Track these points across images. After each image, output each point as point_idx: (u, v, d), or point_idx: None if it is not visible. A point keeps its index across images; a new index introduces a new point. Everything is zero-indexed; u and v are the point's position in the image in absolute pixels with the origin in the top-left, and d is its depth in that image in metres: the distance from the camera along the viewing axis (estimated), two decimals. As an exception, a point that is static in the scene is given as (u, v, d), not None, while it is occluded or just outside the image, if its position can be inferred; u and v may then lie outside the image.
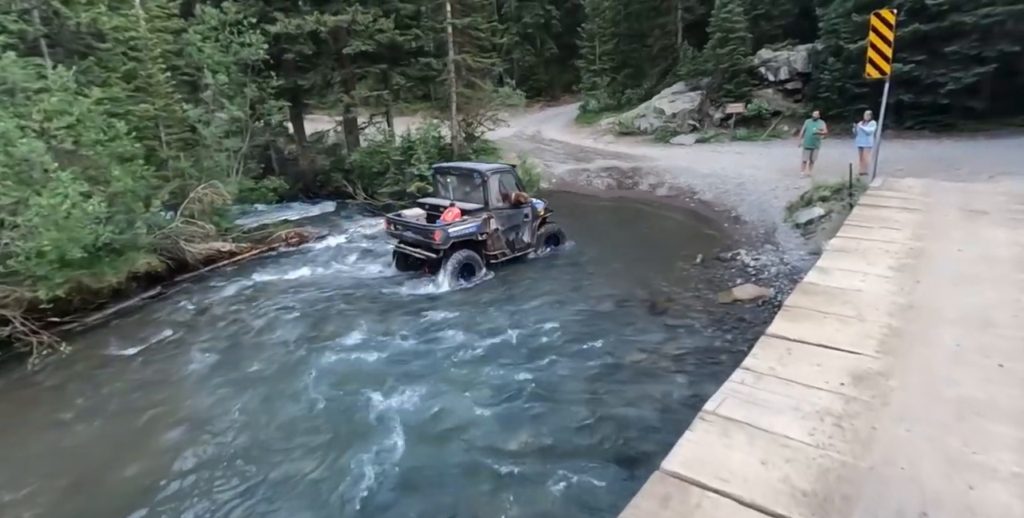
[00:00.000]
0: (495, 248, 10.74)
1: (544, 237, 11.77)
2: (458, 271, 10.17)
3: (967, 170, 13.38)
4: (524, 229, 11.24)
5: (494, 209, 10.58)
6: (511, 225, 10.99)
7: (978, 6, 17.27)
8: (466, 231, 10.06)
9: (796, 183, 14.29)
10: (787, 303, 4.84)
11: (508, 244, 11.01)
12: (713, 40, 22.78)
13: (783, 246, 10.59)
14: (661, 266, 10.63)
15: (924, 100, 19.01)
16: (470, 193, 10.78)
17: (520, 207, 11.06)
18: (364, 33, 17.56)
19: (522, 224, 11.18)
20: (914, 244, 6.22)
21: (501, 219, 10.75)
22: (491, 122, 20.30)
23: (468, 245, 10.29)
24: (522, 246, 11.32)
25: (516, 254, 11.23)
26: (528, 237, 11.38)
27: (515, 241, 11.15)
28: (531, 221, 11.37)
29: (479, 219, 10.28)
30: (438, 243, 9.71)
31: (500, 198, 10.74)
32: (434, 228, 9.79)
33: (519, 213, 11.08)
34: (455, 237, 9.87)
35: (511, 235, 11.04)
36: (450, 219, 10.09)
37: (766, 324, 8.00)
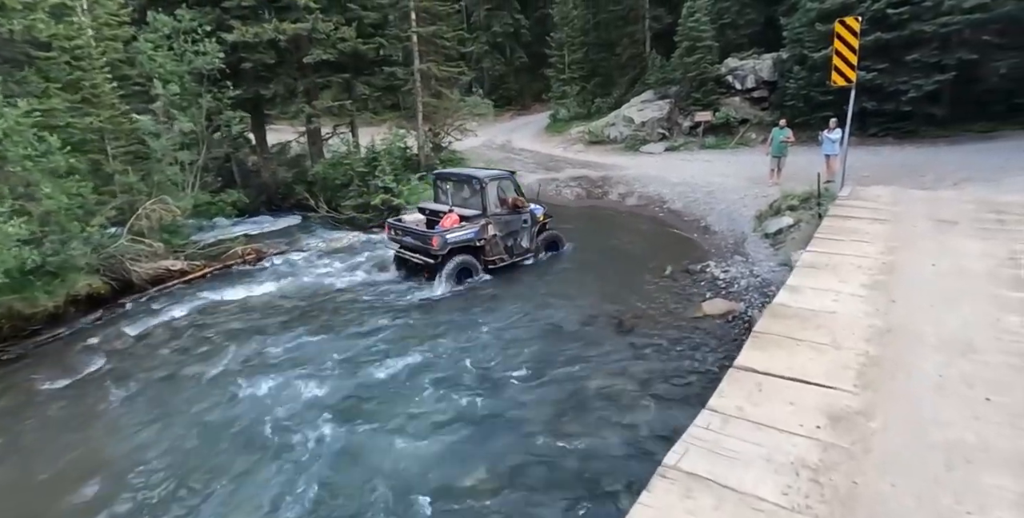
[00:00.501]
0: (493, 254, 10.70)
1: (544, 243, 11.75)
2: (455, 276, 10.18)
3: (931, 177, 13.33)
4: (523, 235, 11.18)
5: (492, 215, 10.53)
6: (509, 231, 10.93)
7: (937, 15, 17.40)
8: (464, 237, 10.08)
9: (765, 191, 14.09)
10: (756, 329, 4.43)
11: (506, 250, 10.96)
12: (680, 49, 22.70)
13: (753, 257, 10.29)
14: (630, 279, 10.24)
15: (887, 107, 19.10)
16: (469, 199, 10.78)
17: (519, 213, 10.99)
18: (326, 42, 17.01)
19: (521, 230, 11.12)
20: (886, 258, 5.89)
21: (499, 225, 10.69)
22: (459, 132, 19.87)
23: (466, 251, 10.30)
24: (520, 252, 11.23)
25: (515, 259, 11.14)
26: (527, 243, 11.32)
27: (514, 247, 11.09)
28: (530, 227, 11.30)
29: (477, 225, 10.28)
30: (435, 249, 9.72)
31: (498, 204, 10.70)
32: (432, 234, 9.84)
33: (518, 219, 11.00)
34: (452, 243, 9.91)
35: (509, 241, 10.99)
36: (448, 225, 10.13)
37: (736, 342, 7.71)
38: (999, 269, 5.50)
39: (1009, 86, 18.80)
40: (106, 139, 12.66)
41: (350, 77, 18.24)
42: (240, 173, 20.97)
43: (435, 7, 18.29)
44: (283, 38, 16.31)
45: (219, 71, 15.83)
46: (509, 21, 32.94)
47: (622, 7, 26.72)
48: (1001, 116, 19.23)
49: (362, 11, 17.74)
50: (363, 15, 17.80)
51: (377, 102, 21.62)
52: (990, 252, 5.97)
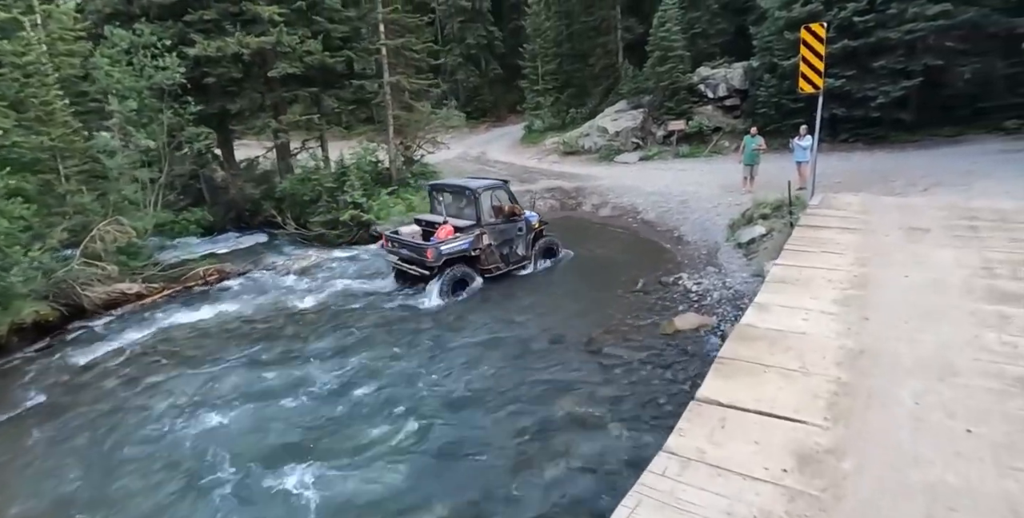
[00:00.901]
0: (489, 263, 10.71)
1: (541, 250, 11.69)
2: (450, 287, 10.17)
3: (901, 182, 13.25)
4: (518, 243, 11.19)
5: (487, 225, 10.53)
6: (504, 239, 10.93)
7: (902, 22, 17.50)
8: (458, 248, 10.11)
9: (738, 200, 13.93)
10: (722, 354, 4.09)
11: (502, 258, 10.96)
12: (652, 59, 22.65)
13: (726, 268, 10.02)
14: (602, 293, 9.91)
15: (856, 113, 19.17)
16: (463, 209, 10.81)
17: (513, 221, 11.01)
18: (292, 55, 16.60)
19: (516, 238, 11.12)
20: (858, 270, 5.61)
21: (494, 234, 10.70)
22: (431, 144, 19.51)
23: (462, 261, 10.32)
24: (516, 259, 11.23)
25: (511, 267, 11.14)
26: (522, 250, 11.31)
27: (509, 255, 11.08)
28: (525, 234, 11.30)
29: (471, 235, 10.30)
30: (431, 261, 9.73)
31: (492, 213, 10.71)
32: (427, 246, 9.83)
33: (512, 227, 11.01)
34: (447, 254, 9.94)
35: (505, 249, 10.98)
36: (443, 236, 10.11)
37: (708, 358, 7.39)
38: (974, 280, 5.24)
39: (973, 91, 18.98)
40: (59, 158, 12.10)
41: (318, 91, 17.83)
42: (208, 190, 20.41)
43: (403, 19, 18.00)
44: (247, 52, 15.87)
45: (181, 86, 15.35)
46: (483, 33, 32.80)
47: (594, 18, 26.69)
48: (967, 120, 19.39)
49: (329, 24, 17.36)
50: (330, 28, 17.43)
51: (351, 115, 21.28)
52: (964, 261, 5.72)
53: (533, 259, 11.54)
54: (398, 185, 17.98)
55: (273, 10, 16.12)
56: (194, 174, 19.19)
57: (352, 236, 16.01)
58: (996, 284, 5.09)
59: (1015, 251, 5.95)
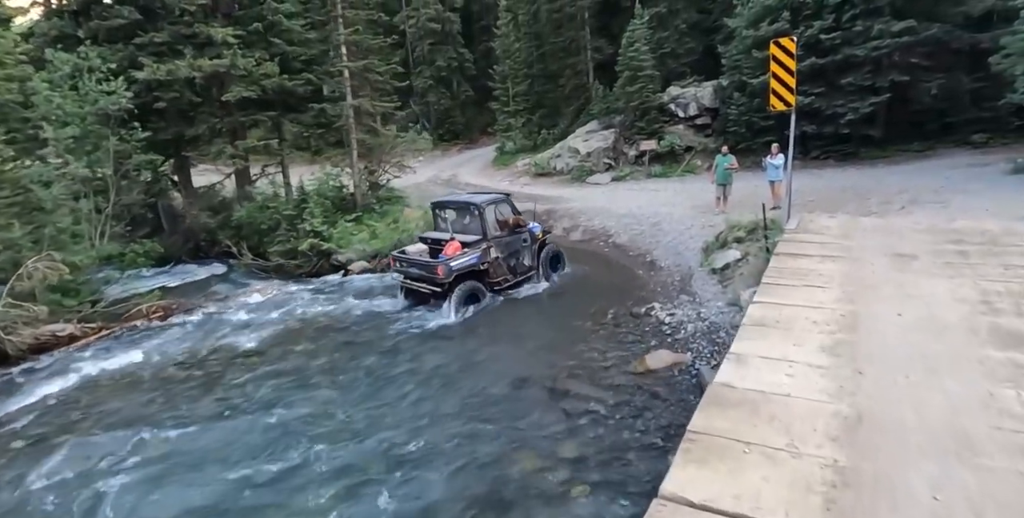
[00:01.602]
0: (497, 275, 10.68)
1: (547, 259, 11.63)
2: (463, 302, 10.05)
3: (876, 200, 12.80)
4: (524, 254, 11.17)
5: (493, 238, 10.51)
6: (511, 251, 10.91)
7: (868, 39, 17.36)
8: (468, 263, 10.03)
9: (711, 220, 13.40)
10: (693, 427, 3.31)
11: (510, 269, 10.93)
12: (622, 78, 22.35)
13: (700, 296, 9.34)
14: (569, 326, 9.14)
15: (826, 130, 18.93)
16: (468, 224, 10.72)
17: (518, 233, 11.00)
18: (248, 78, 15.86)
19: (522, 249, 11.12)
20: (845, 308, 4.92)
21: (500, 247, 10.67)
22: (397, 168, 18.77)
23: (471, 276, 10.21)
24: (523, 270, 11.21)
25: (519, 278, 11.11)
26: (528, 261, 11.30)
27: (516, 266, 11.06)
28: (530, 245, 11.28)
29: (479, 250, 10.24)
30: (441, 277, 9.67)
31: (497, 227, 10.68)
32: (437, 263, 9.78)
33: (518, 239, 11.02)
34: (458, 270, 9.84)
35: (512, 261, 10.96)
36: (451, 253, 9.98)
37: (682, 403, 6.65)
38: (975, 317, 4.58)
39: (940, 106, 18.88)
40: (-15, 190, 11.13)
41: (277, 115, 17.07)
42: (167, 219, 19.46)
43: (366, 41, 17.39)
44: (199, 75, 15.08)
45: (130, 111, 14.51)
46: (453, 55, 32.40)
47: (563, 39, 26.43)
48: (935, 135, 19.28)
49: (288, 46, 16.69)
50: (289, 50, 16.75)
51: (320, 139, 20.48)
52: (960, 294, 5.07)
53: (540, 268, 11.46)
54: (362, 211, 17.16)
55: (227, 32, 15.44)
56: (151, 203, 18.27)
57: (312, 266, 15.13)
58: (1001, 323, 4.43)
59: (1012, 280, 5.33)
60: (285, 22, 16.43)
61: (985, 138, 18.45)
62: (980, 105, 18.73)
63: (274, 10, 16.30)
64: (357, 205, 17.53)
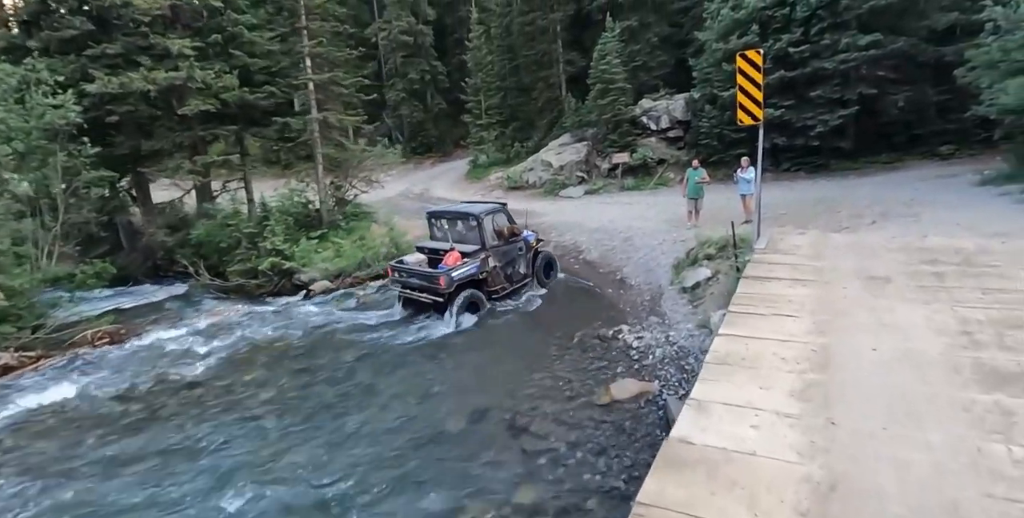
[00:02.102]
0: (496, 284, 10.70)
1: (541, 266, 11.75)
2: (463, 310, 10.02)
3: (847, 213, 12.55)
4: (520, 262, 11.26)
5: (491, 248, 10.56)
6: (508, 260, 10.98)
7: (835, 52, 17.33)
8: (468, 272, 10.05)
9: (683, 235, 13.05)
10: (643, 497, 2.81)
11: (507, 278, 10.98)
12: (594, 91, 22.11)
13: (669, 317, 8.90)
14: (533, 351, 8.64)
15: (797, 142, 18.83)
16: (466, 234, 10.75)
17: (514, 242, 11.08)
18: (206, 91, 15.23)
19: (517, 257, 11.21)
20: (817, 341, 4.49)
21: (498, 256, 10.72)
22: (364, 184, 18.20)
23: (471, 284, 10.20)
24: (519, 278, 11.28)
25: (515, 286, 11.17)
26: (524, 269, 11.38)
27: (513, 274, 11.13)
28: (525, 253, 11.37)
29: (478, 259, 10.28)
30: (443, 287, 9.61)
31: (495, 236, 10.74)
32: (438, 273, 9.73)
33: (514, 248, 11.10)
34: (459, 280, 9.83)
35: (509, 269, 11.02)
36: (452, 263, 10.02)
37: (648, 439, 6.18)
38: (955, 352, 4.18)
39: (907, 118, 18.92)
40: (-87, 212, 10.35)
41: (239, 129, 16.42)
42: (126, 237, 18.61)
43: (331, 53, 16.89)
44: (153, 88, 14.40)
45: (80, 126, 13.74)
46: (426, 68, 31.94)
47: (535, 52, 26.17)
48: (903, 147, 19.31)
49: (248, 58, 16.08)
50: (250, 62, 16.15)
51: (290, 153, 19.82)
52: (938, 323, 4.68)
53: (535, 276, 11.58)
54: (328, 228, 16.54)
55: (184, 43, 14.79)
56: (107, 220, 17.45)
57: (274, 286, 14.45)
58: (983, 358, 4.02)
59: (991, 306, 4.96)
60: (246, 34, 15.84)
61: (952, 150, 18.51)
62: (946, 117, 18.82)
63: (234, 21, 15.72)
64: (323, 222, 16.91)
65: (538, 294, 11.51)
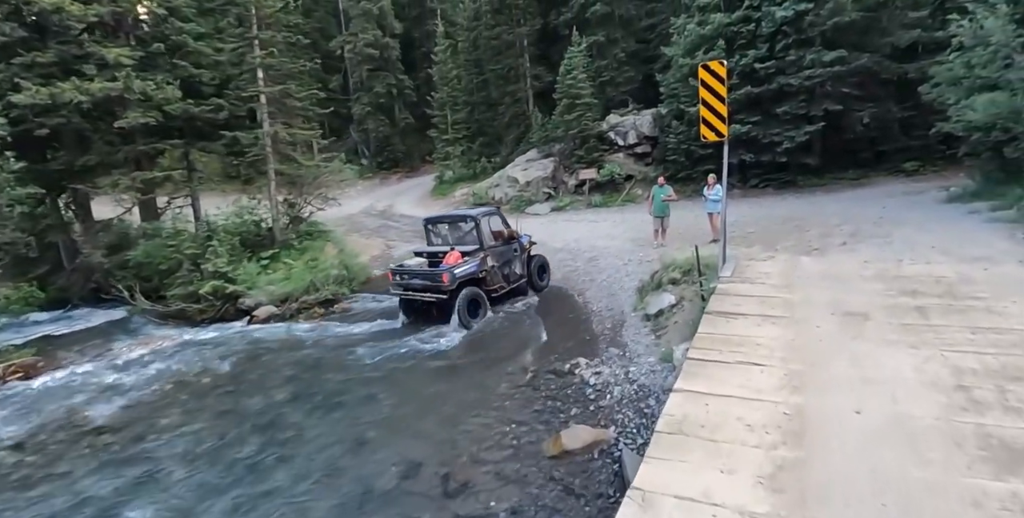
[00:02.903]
0: (494, 283, 10.87)
1: (536, 267, 12.01)
2: (466, 307, 10.09)
3: (817, 232, 11.97)
4: (516, 262, 11.48)
5: (489, 248, 10.77)
6: (504, 260, 11.19)
7: (801, 68, 17.02)
8: (469, 270, 10.25)
9: (650, 254, 12.39)
10: None
11: (504, 277, 11.16)
12: (560, 106, 21.54)
13: (631, 349, 8.10)
14: (482, 388, 7.75)
15: (764, 158, 18.44)
16: (464, 236, 11.08)
17: (509, 243, 11.31)
18: (147, 103, 14.17)
19: (513, 258, 11.43)
20: (789, 401, 3.71)
21: (495, 256, 10.93)
22: (320, 201, 17.23)
23: (472, 283, 10.34)
24: (515, 278, 11.48)
25: (512, 286, 11.36)
26: (520, 269, 11.60)
27: (509, 274, 11.32)
28: (520, 254, 11.63)
29: (478, 258, 10.50)
30: (447, 285, 9.75)
31: (492, 237, 10.97)
32: (441, 271, 9.90)
33: (509, 249, 11.32)
34: (461, 277, 10.02)
35: (506, 269, 11.21)
36: (452, 262, 10.21)
37: (596, 503, 5.32)
38: (954, 416, 3.43)
39: (872, 134, 18.71)
40: None
41: (184, 143, 15.34)
42: (68, 256, 17.28)
43: (284, 65, 15.99)
44: (85, 99, 13.30)
45: (3, 139, 12.58)
46: (392, 81, 31.08)
47: (502, 66, 25.57)
48: (869, 163, 19.09)
49: (194, 69, 15.07)
50: (196, 73, 15.14)
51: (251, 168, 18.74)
52: (929, 374, 3.95)
53: (530, 277, 11.78)
54: (280, 248, 15.50)
55: (120, 52, 13.74)
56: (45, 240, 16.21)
57: (216, 311, 13.33)
58: (987, 426, 3.28)
59: (985, 350, 4.26)
60: (191, 43, 14.85)
61: (916, 166, 18.32)
62: (910, 133, 18.68)
63: (178, 30, 14.73)
64: (275, 241, 15.87)
65: (497, 317, 10.70)
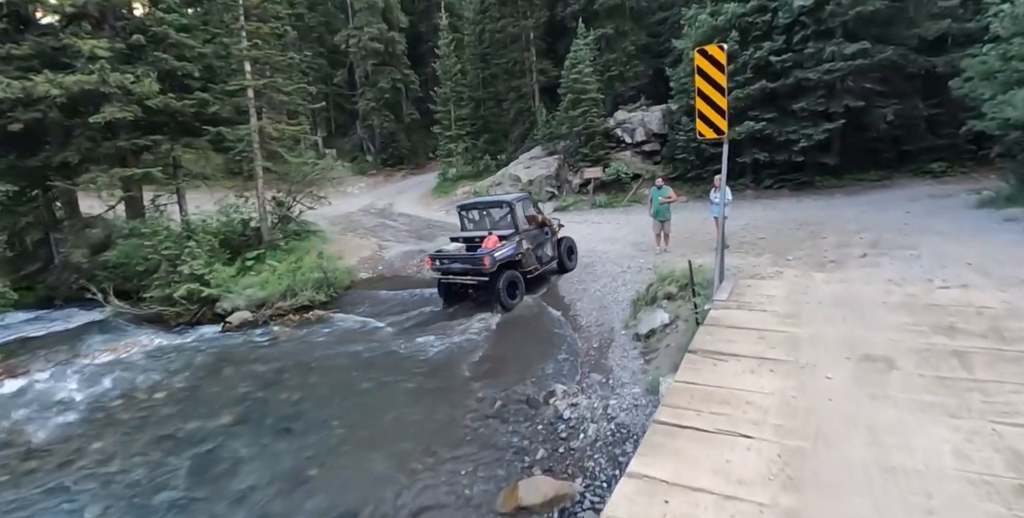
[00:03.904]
0: (528, 265, 10.98)
1: (565, 250, 12.13)
2: (506, 289, 10.25)
3: (833, 240, 10.76)
4: (547, 245, 11.68)
5: (523, 231, 10.92)
6: (538, 243, 11.36)
7: (820, 62, 15.69)
8: (508, 253, 10.37)
9: (651, 261, 11.33)
10: None
11: (537, 259, 11.29)
12: (565, 102, 20.38)
13: (615, 376, 7.04)
14: (443, 420, 6.75)
15: (779, 158, 17.11)
16: (499, 221, 11.29)
17: (542, 227, 11.53)
18: (126, 98, 13.39)
19: (545, 241, 11.63)
20: (779, 504, 2.64)
21: (529, 239, 11.07)
22: (310, 199, 16.37)
23: (510, 266, 10.49)
24: (547, 260, 11.66)
25: (544, 268, 11.53)
26: (551, 252, 11.80)
27: (542, 256, 11.48)
28: (551, 237, 11.80)
29: (514, 242, 10.62)
30: (488, 268, 9.86)
31: (526, 221, 11.11)
32: (483, 255, 9.96)
33: (542, 232, 11.54)
34: (501, 260, 10.13)
35: (539, 251, 11.38)
36: (491, 246, 10.29)
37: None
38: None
39: (896, 133, 17.25)
40: None
41: (166, 139, 14.54)
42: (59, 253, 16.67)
43: (271, 57, 15.10)
44: (58, 93, 12.54)
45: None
46: (398, 76, 30.07)
47: (507, 60, 24.42)
48: (892, 164, 17.66)
49: (176, 62, 14.24)
50: (178, 66, 14.31)
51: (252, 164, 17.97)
52: (978, 464, 2.84)
53: (561, 258, 11.94)
54: (266, 248, 14.67)
55: (96, 44, 12.93)
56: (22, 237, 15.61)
57: (193, 315, 12.54)
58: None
59: (1052, 421, 3.15)
60: (173, 35, 14.02)
61: (943, 167, 16.89)
62: (936, 132, 17.23)
63: (159, 20, 13.90)
64: (263, 240, 15.06)
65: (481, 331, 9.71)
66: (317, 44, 31.49)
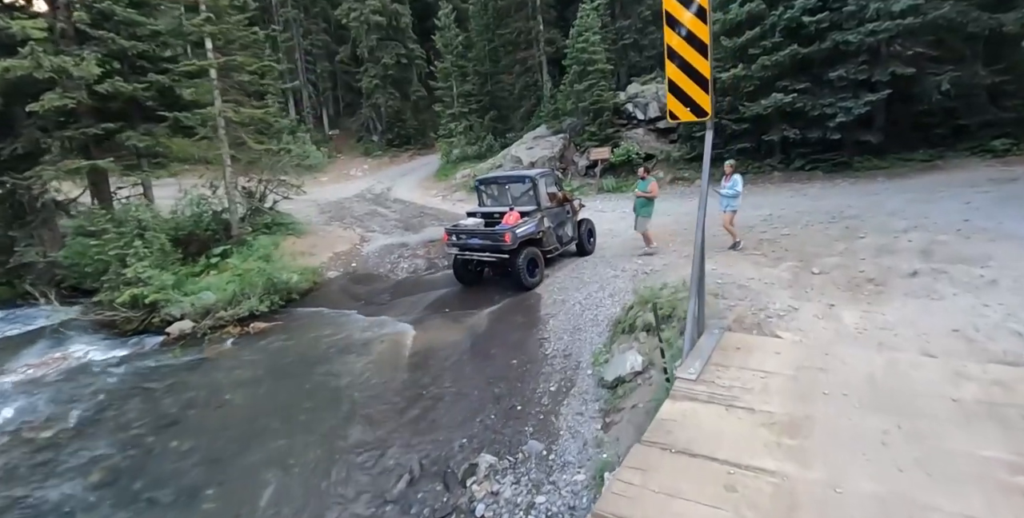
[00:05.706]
0: (549, 244, 10.41)
1: (586, 232, 11.44)
2: (527, 268, 9.65)
3: (873, 241, 8.45)
4: (568, 224, 11.07)
5: (545, 209, 10.33)
6: (559, 222, 10.76)
7: (861, 22, 12.91)
8: (529, 230, 9.81)
9: (650, 262, 9.45)
10: None
11: (558, 239, 10.72)
12: (571, 74, 17.99)
13: (559, 448, 5.11)
14: (335, 499, 5.03)
15: (812, 135, 14.51)
16: (519, 197, 10.58)
17: (563, 205, 10.92)
18: (69, 83, 11.81)
19: (566, 220, 11.02)
20: None
21: (550, 217, 10.49)
22: (285, 188, 14.69)
23: (530, 243, 9.91)
24: (567, 240, 11.06)
25: (564, 247, 10.91)
26: (571, 232, 11.16)
27: (563, 236, 10.89)
28: (572, 216, 11.15)
29: (535, 219, 10.06)
30: (508, 244, 9.30)
31: (548, 198, 10.53)
32: (503, 230, 9.39)
33: (563, 211, 10.92)
34: (522, 237, 9.56)
35: (559, 231, 10.79)
36: (512, 222, 9.70)
37: None
38: None
39: (952, 105, 14.33)
40: None
41: (119, 127, 12.94)
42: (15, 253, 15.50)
43: (234, 32, 13.26)
44: (-10, 79, 11.02)
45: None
46: (402, 51, 27.78)
47: (511, 30, 21.93)
48: (945, 141, 14.80)
49: (126, 41, 12.53)
50: (127, 46, 12.60)
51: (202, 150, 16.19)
52: None
53: (581, 239, 11.25)
54: (233, 244, 13.12)
55: (31, 25, 11.31)
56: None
57: (139, 323, 11.13)
58: None
59: None
60: (119, 11, 12.27)
61: (1008, 144, 14.06)
62: (1000, 104, 14.34)
63: (103, -6, 12.16)
64: (230, 235, 13.51)
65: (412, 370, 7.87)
66: (320, 19, 29.47)
